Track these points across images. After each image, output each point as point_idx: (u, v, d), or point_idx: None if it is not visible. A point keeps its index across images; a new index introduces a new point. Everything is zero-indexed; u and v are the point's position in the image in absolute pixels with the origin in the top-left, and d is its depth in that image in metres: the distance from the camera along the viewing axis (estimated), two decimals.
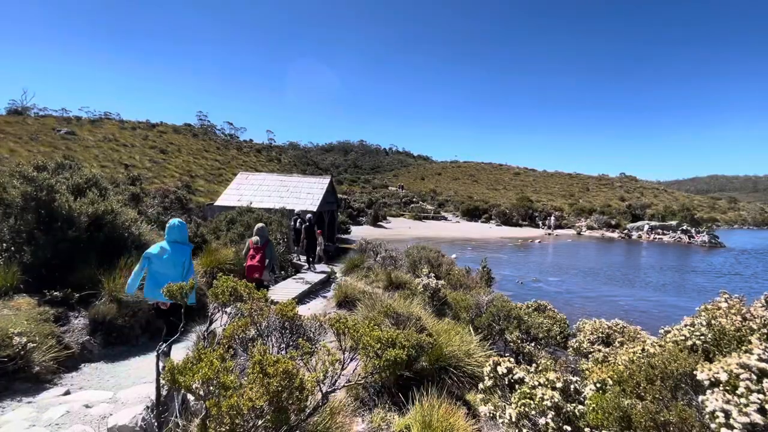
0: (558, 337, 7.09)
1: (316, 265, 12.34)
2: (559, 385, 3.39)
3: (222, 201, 18.03)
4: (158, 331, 5.43)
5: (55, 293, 4.93)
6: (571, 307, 13.81)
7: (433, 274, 9.89)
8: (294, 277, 10.74)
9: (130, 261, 5.57)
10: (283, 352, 2.47)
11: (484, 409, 3.76)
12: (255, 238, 6.65)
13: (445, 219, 54.47)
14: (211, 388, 1.62)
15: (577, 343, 5.66)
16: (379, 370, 2.16)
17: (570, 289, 18.11)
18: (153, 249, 4.28)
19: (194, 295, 5.46)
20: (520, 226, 52.08)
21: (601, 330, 5.49)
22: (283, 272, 10.89)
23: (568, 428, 3.11)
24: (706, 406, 2.08)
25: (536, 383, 3.44)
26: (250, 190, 18.55)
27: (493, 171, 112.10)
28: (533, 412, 3.22)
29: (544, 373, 3.69)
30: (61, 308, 4.86)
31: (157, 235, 7.96)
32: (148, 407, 2.98)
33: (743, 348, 2.42)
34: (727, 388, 2.12)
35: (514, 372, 3.89)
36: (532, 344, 7.20)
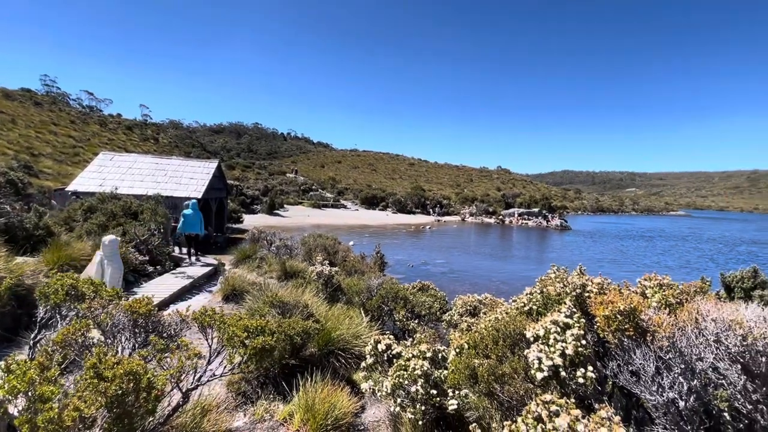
0: (438, 312, 7.85)
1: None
2: (429, 354, 3.77)
3: (78, 186, 15.08)
4: None
5: None
6: (454, 284, 15.41)
7: (327, 262, 9.94)
8: (173, 271, 9.64)
9: None
10: (135, 353, 2.22)
11: (365, 386, 3.97)
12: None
13: (345, 207, 54.99)
14: (26, 402, 1.37)
15: (449, 317, 6.37)
16: (246, 359, 2.11)
17: (453, 268, 20.14)
18: (186, 211, 10.42)
19: (203, 228, 11.10)
20: (414, 213, 55.68)
21: (470, 303, 6.29)
22: (159, 267, 9.76)
23: (434, 392, 3.51)
24: (530, 357, 2.57)
25: (411, 355, 3.77)
26: (116, 174, 15.88)
27: (391, 161, 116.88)
28: (406, 382, 3.52)
29: (417, 345, 4.06)
30: None
31: None
32: None
33: (558, 308, 3.03)
34: (544, 341, 2.65)
35: (392, 348, 4.19)
36: (416, 321, 7.85)
